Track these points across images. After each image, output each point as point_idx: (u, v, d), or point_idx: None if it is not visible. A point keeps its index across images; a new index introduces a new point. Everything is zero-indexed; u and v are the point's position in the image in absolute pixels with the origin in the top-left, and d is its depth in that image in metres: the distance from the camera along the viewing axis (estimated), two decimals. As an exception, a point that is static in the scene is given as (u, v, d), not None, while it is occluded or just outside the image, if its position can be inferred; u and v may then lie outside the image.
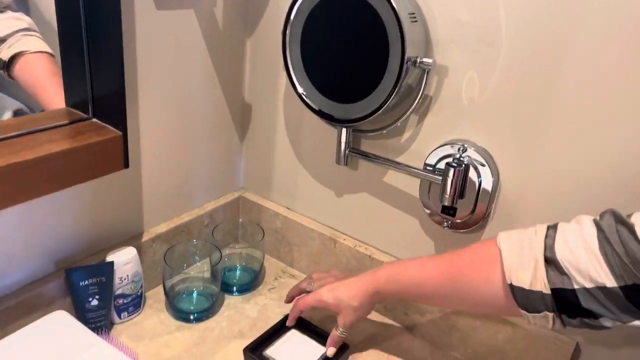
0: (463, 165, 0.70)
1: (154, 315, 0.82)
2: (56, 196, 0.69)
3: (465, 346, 0.79)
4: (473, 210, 0.73)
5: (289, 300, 0.83)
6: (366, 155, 0.80)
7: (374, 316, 0.87)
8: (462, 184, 0.72)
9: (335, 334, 0.74)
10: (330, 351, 0.75)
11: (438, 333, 0.82)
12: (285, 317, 0.81)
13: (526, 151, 0.68)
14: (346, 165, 0.82)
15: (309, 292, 0.78)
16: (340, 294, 0.71)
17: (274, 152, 0.95)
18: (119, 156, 0.66)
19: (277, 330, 0.79)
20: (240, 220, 1.00)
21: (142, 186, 0.82)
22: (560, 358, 0.71)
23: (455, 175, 0.70)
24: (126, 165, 0.68)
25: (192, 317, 0.82)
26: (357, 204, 0.87)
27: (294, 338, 0.79)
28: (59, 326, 0.63)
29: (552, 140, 0.66)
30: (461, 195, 0.72)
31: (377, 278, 0.69)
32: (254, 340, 0.76)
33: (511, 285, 0.55)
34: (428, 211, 0.78)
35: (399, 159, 0.79)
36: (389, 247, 0.86)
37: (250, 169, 1.00)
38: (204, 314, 0.83)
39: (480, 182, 0.71)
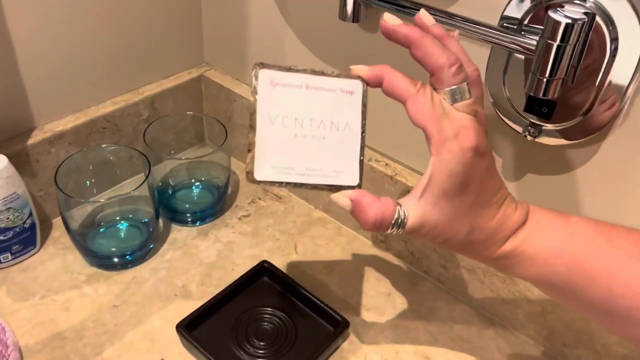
0: (584, 19, 0.34)
1: (58, 256, 0.55)
2: None
3: (541, 326, 0.50)
4: (589, 108, 0.39)
5: (390, 31, 0.37)
6: (393, 3, 0.44)
7: (399, 262, 0.57)
8: (578, 55, 0.36)
9: (390, 213, 0.34)
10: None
11: (491, 302, 0.52)
12: (258, 270, 0.53)
13: None
14: (357, 21, 0.47)
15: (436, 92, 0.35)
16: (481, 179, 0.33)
17: (250, 5, 0.60)
18: None
19: (245, 285, 0.51)
20: (194, 114, 0.67)
21: (13, 43, 0.50)
22: None
23: (566, 35, 0.35)
24: None
25: (115, 259, 0.54)
26: (376, 92, 0.53)
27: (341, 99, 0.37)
28: None
29: None
30: (571, 77, 0.37)
31: (529, 231, 0.35)
32: (196, 310, 0.48)
33: None
34: (500, 107, 0.44)
35: (452, 9, 0.44)
36: (424, 165, 0.53)
37: (216, 33, 0.66)
38: (134, 256, 0.55)
39: (614, 50, 0.36)
